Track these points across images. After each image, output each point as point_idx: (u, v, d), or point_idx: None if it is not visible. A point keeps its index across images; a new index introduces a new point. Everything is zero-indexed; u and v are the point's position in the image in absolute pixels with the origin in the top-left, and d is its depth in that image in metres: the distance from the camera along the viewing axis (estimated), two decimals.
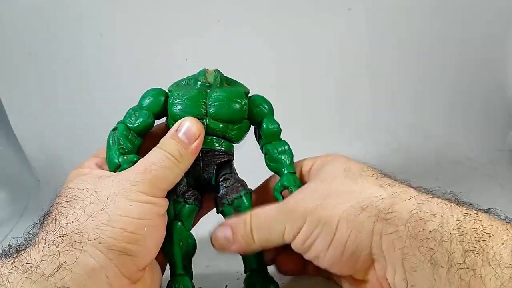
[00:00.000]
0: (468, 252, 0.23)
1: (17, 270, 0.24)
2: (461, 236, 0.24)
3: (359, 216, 0.28)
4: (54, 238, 0.26)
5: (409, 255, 0.26)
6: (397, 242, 0.27)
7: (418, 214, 0.26)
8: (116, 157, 0.33)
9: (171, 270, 0.34)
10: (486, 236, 0.24)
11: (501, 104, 0.70)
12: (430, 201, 0.27)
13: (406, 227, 0.26)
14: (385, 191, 0.29)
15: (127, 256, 0.28)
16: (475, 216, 0.25)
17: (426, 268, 0.25)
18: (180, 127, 0.32)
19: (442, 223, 0.25)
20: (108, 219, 0.28)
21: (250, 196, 0.36)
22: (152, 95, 0.35)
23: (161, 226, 0.31)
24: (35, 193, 0.61)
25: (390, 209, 0.28)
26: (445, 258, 0.24)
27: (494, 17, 0.66)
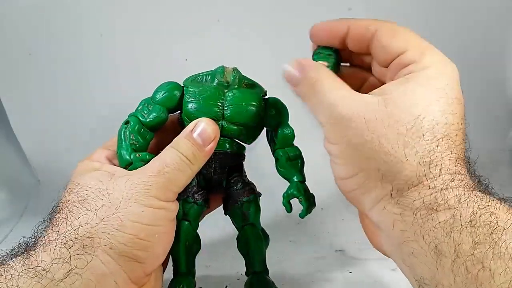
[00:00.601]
0: (478, 244, 0.22)
1: (27, 273, 0.24)
2: (473, 228, 0.23)
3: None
4: (66, 241, 0.26)
5: (410, 240, 0.25)
6: (399, 223, 0.26)
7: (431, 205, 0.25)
8: (128, 153, 0.32)
9: (175, 268, 0.34)
10: (500, 229, 0.22)
11: (501, 104, 0.70)
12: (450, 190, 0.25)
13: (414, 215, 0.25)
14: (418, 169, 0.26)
15: (136, 263, 0.28)
16: (491, 208, 0.24)
17: (428, 256, 0.24)
18: (195, 128, 0.32)
19: (455, 215, 0.24)
20: (120, 224, 0.27)
21: (258, 199, 0.36)
22: (167, 89, 0.34)
23: (171, 231, 0.31)
24: (35, 193, 0.61)
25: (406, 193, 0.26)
26: (452, 249, 0.23)
27: (494, 17, 0.66)
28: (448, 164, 0.25)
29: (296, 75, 0.30)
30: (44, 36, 0.61)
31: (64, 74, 0.62)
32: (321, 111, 0.28)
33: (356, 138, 0.26)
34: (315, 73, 0.29)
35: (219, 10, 0.61)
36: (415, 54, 0.28)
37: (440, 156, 0.25)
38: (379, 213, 0.27)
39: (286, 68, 0.30)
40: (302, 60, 0.30)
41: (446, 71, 0.28)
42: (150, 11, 0.61)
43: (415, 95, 0.26)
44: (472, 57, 0.68)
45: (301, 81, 0.30)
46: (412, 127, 0.25)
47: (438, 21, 0.65)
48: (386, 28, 0.29)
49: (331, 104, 0.27)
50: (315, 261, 0.45)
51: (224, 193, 0.36)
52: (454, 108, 0.27)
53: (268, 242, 0.37)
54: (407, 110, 0.26)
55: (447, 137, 0.26)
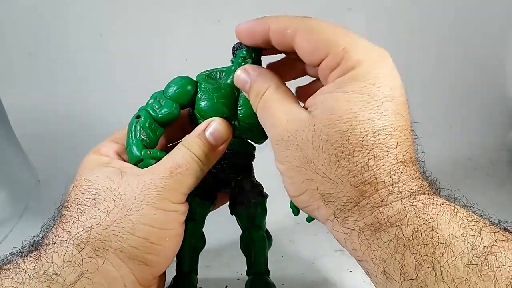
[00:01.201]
0: (421, 266, 0.21)
1: (39, 277, 0.24)
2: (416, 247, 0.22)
3: None
4: (78, 243, 0.26)
5: (362, 260, 0.25)
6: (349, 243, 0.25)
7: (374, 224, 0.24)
8: (139, 150, 0.31)
9: (178, 265, 0.34)
10: (442, 247, 0.21)
11: (501, 104, 0.70)
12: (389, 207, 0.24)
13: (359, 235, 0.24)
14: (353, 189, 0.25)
15: (146, 266, 0.28)
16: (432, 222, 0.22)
17: (379, 278, 0.23)
18: (208, 127, 0.31)
19: (397, 234, 0.22)
20: (132, 227, 0.27)
21: (265, 201, 0.36)
22: (180, 85, 0.33)
23: (181, 234, 0.31)
24: (35, 193, 0.61)
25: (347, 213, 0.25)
26: (398, 272, 0.22)
27: (494, 17, 0.66)
28: (383, 177, 0.24)
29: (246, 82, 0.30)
30: (44, 36, 0.61)
31: (64, 74, 0.62)
32: (267, 129, 0.29)
33: (295, 160, 0.26)
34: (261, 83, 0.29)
35: (219, 10, 0.61)
36: (337, 55, 0.26)
37: (374, 170, 0.24)
38: (331, 230, 0.27)
39: (237, 74, 0.30)
40: (249, 67, 0.30)
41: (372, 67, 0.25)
42: (150, 11, 0.61)
43: (340, 107, 0.25)
44: (472, 57, 0.68)
45: (250, 91, 0.30)
46: (341, 145, 0.24)
47: (438, 21, 0.65)
48: (305, 29, 0.27)
49: (274, 123, 0.27)
50: (315, 261, 0.45)
51: (232, 193, 0.36)
52: (384, 109, 0.25)
53: (271, 243, 0.37)
54: (334, 128, 0.25)
55: (379, 146, 0.24)
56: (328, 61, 0.26)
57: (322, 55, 0.26)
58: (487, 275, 0.20)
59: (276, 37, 0.29)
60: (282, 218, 0.50)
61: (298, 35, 0.27)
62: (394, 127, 0.25)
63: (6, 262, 0.25)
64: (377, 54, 0.26)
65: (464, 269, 0.20)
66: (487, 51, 0.68)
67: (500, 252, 0.20)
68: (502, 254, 0.20)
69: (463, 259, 0.20)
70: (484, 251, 0.21)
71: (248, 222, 0.35)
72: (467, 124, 0.69)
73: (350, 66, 0.25)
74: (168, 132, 0.33)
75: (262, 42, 0.30)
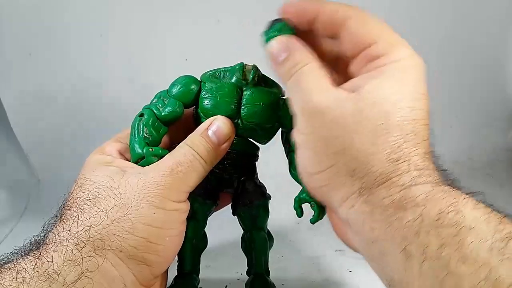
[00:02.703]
0: (444, 246, 0.22)
1: (39, 277, 0.24)
2: (440, 228, 0.22)
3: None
4: (77, 242, 0.26)
5: (380, 239, 0.24)
6: (369, 222, 0.25)
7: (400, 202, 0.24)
8: (141, 147, 0.30)
9: (180, 265, 0.34)
10: (465, 230, 0.22)
11: (501, 104, 0.70)
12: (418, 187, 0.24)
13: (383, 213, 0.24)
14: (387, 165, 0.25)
15: (146, 266, 0.28)
16: (458, 205, 0.23)
17: (398, 257, 0.23)
18: (211, 126, 0.31)
19: (423, 213, 0.23)
20: (131, 227, 0.27)
21: (268, 203, 0.36)
22: (184, 83, 0.32)
23: (181, 233, 0.30)
24: (35, 193, 0.61)
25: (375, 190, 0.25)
26: (420, 250, 0.22)
27: (494, 17, 0.66)
28: (416, 160, 0.25)
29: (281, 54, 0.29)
30: (44, 36, 0.61)
31: (64, 74, 0.62)
32: (297, 98, 0.28)
33: (327, 131, 0.26)
34: (301, 57, 0.28)
35: (219, 10, 0.61)
36: (385, 46, 0.27)
37: (408, 152, 0.25)
38: (348, 211, 0.26)
39: (272, 45, 0.29)
40: (291, 39, 0.29)
41: (415, 65, 0.27)
42: (150, 11, 0.61)
43: (384, 90, 0.26)
44: (472, 57, 0.68)
45: (284, 62, 0.29)
46: (382, 123, 0.25)
47: (438, 21, 0.65)
48: (358, 17, 0.28)
49: (307, 95, 0.27)
50: (315, 261, 0.45)
51: (234, 194, 0.36)
52: (422, 103, 0.26)
53: (272, 243, 0.37)
54: (377, 107, 0.25)
55: (414, 132, 0.25)
56: (372, 50, 0.27)
57: (367, 44, 0.27)
58: (509, 259, 0.20)
59: (327, 16, 0.29)
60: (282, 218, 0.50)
61: (350, 20, 0.28)
62: (426, 122, 0.26)
63: (7, 261, 0.25)
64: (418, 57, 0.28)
65: (487, 252, 0.21)
66: (487, 51, 0.68)
67: None
68: None
69: (486, 242, 0.21)
70: (507, 236, 0.21)
71: (250, 223, 0.35)
72: (467, 124, 0.69)
73: (394, 58, 0.27)
74: (173, 132, 0.33)
75: (307, 22, 0.29)
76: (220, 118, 0.31)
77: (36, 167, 0.64)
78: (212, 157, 0.31)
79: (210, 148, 0.30)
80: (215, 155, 0.31)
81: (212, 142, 0.31)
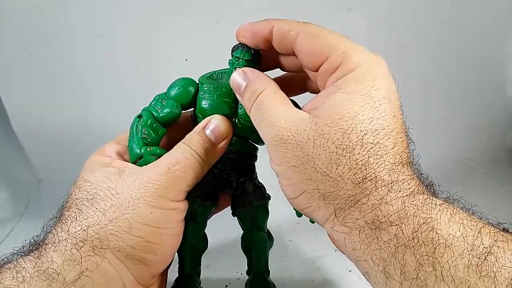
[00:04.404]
0: (421, 265, 0.21)
1: (39, 276, 0.24)
2: (416, 247, 0.22)
3: None
4: (76, 242, 0.26)
5: (361, 260, 0.24)
6: (349, 242, 0.25)
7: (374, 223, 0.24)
8: (139, 147, 0.31)
9: (180, 267, 0.34)
10: (442, 247, 0.21)
11: (501, 104, 0.70)
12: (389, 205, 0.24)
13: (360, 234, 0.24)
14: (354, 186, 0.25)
15: (144, 265, 0.28)
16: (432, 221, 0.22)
17: (379, 278, 0.23)
18: (208, 125, 0.31)
19: (397, 233, 0.23)
20: (129, 226, 0.27)
21: (267, 203, 0.36)
22: (182, 85, 0.33)
23: (179, 233, 0.30)
24: (36, 192, 0.61)
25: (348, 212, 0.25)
26: (398, 271, 0.22)
27: (494, 17, 0.66)
28: (383, 174, 0.24)
29: (241, 84, 0.29)
30: (44, 36, 0.61)
31: (64, 74, 0.62)
32: (262, 129, 0.28)
33: (294, 160, 0.26)
34: (259, 85, 0.29)
35: (219, 11, 0.61)
36: (337, 58, 0.26)
37: (374, 167, 0.24)
38: (330, 231, 0.27)
39: (233, 76, 0.30)
40: (247, 69, 0.30)
41: (371, 69, 0.26)
42: (150, 11, 0.61)
43: (341, 107, 0.25)
44: (472, 58, 0.68)
45: (245, 92, 0.29)
46: (342, 143, 0.25)
47: (438, 22, 0.65)
48: (307, 33, 0.28)
49: (270, 124, 0.27)
50: (315, 260, 0.45)
51: (234, 195, 0.36)
52: (383, 110, 0.25)
53: (272, 243, 0.37)
54: (335, 126, 0.25)
55: (378, 145, 0.25)
56: (328, 63, 0.27)
57: (322, 58, 0.27)
58: (487, 276, 0.20)
59: (278, 37, 0.29)
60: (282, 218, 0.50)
61: (300, 37, 0.28)
62: (391, 128, 0.25)
63: (7, 261, 0.26)
64: (374, 58, 0.27)
65: (464, 270, 0.20)
66: (487, 51, 0.68)
67: (500, 252, 0.21)
68: (502, 254, 0.21)
69: (463, 259, 0.21)
70: (484, 252, 0.21)
71: (250, 224, 0.35)
72: (467, 124, 0.69)
73: (349, 68, 0.26)
74: (172, 135, 0.33)
75: (263, 42, 0.30)
76: (217, 117, 0.31)
77: (36, 167, 0.64)
78: (210, 156, 0.31)
79: (208, 146, 0.30)
80: (213, 154, 0.31)
81: (210, 140, 0.31)
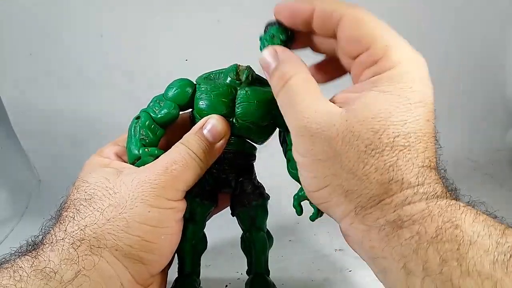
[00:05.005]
0: (445, 261, 0.21)
1: (36, 275, 0.24)
2: (439, 244, 0.22)
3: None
4: (73, 241, 0.26)
5: (380, 257, 0.24)
6: (367, 240, 0.25)
7: (395, 222, 0.24)
8: (137, 148, 0.31)
9: (180, 267, 0.34)
10: (466, 244, 0.21)
11: (500, 104, 0.70)
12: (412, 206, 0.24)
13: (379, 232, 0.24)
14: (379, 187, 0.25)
15: (142, 264, 0.28)
16: (456, 221, 0.22)
17: (398, 274, 0.23)
18: (205, 124, 0.31)
19: (419, 231, 0.23)
20: (126, 225, 0.27)
21: (267, 203, 0.36)
22: (179, 86, 0.33)
23: (178, 232, 0.30)
24: (36, 193, 0.61)
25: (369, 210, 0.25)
26: (420, 267, 0.22)
27: (494, 17, 0.66)
28: (410, 177, 0.24)
29: (271, 63, 0.28)
30: (45, 36, 0.61)
31: (65, 74, 0.62)
32: (289, 118, 0.27)
33: (320, 154, 0.26)
34: (289, 68, 0.28)
35: (219, 11, 0.61)
36: (378, 52, 0.26)
37: (401, 170, 0.24)
38: (348, 227, 0.26)
39: (264, 53, 0.29)
40: (279, 48, 0.29)
41: (410, 70, 0.26)
42: (150, 11, 0.61)
43: (375, 106, 0.25)
44: (472, 57, 0.68)
45: (274, 74, 0.28)
46: (372, 143, 0.24)
47: (438, 21, 0.65)
48: (350, 18, 0.26)
49: (299, 114, 0.26)
50: (315, 260, 0.45)
51: (233, 195, 0.36)
52: (417, 113, 0.25)
53: (272, 243, 0.37)
54: (367, 125, 0.25)
55: (408, 148, 0.25)
56: (367, 55, 0.26)
57: (362, 48, 0.26)
58: None
59: (320, 17, 0.28)
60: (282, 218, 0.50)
61: (344, 20, 0.27)
62: (423, 132, 0.25)
63: (4, 261, 0.26)
64: (415, 58, 0.26)
65: (490, 266, 0.20)
66: (487, 51, 0.68)
67: None
68: None
69: (488, 256, 0.21)
70: (510, 250, 0.21)
71: (249, 223, 0.35)
72: (467, 124, 0.69)
73: (388, 65, 0.25)
74: (170, 136, 0.33)
75: (302, 23, 0.29)
76: (214, 117, 0.31)
77: (37, 167, 0.64)
78: (208, 155, 0.31)
79: (205, 146, 0.30)
80: (211, 154, 0.31)
81: (207, 140, 0.31)
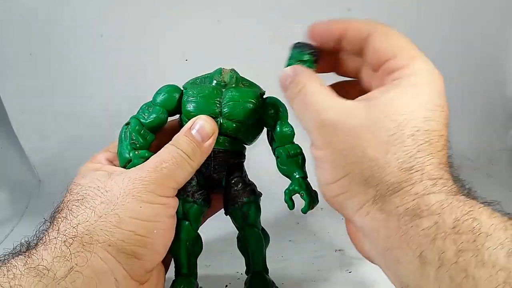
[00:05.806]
0: (461, 251, 0.22)
1: (30, 273, 0.24)
2: (456, 235, 0.23)
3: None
4: (66, 239, 0.26)
5: (395, 247, 0.25)
6: (383, 229, 0.26)
7: (414, 210, 0.24)
8: (127, 151, 0.32)
9: (176, 269, 0.34)
10: (483, 235, 0.22)
11: (500, 103, 0.70)
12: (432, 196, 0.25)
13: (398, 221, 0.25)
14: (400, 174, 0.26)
15: (136, 259, 0.28)
16: (474, 213, 0.23)
17: (413, 264, 0.24)
18: (193, 125, 0.32)
19: (438, 222, 0.23)
20: (118, 221, 0.28)
21: (259, 200, 0.36)
22: (166, 91, 0.34)
23: (171, 228, 0.31)
24: (36, 193, 0.61)
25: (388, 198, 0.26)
26: (436, 257, 0.23)
27: (494, 17, 0.66)
28: (430, 169, 0.25)
29: (287, 79, 0.30)
30: (45, 36, 0.61)
31: (65, 74, 0.62)
32: (307, 116, 0.29)
33: (341, 144, 0.27)
34: (303, 77, 0.30)
35: (219, 11, 0.61)
36: (404, 60, 0.28)
37: (421, 161, 0.25)
38: (363, 219, 0.27)
39: (284, 69, 0.31)
40: (296, 66, 0.31)
41: (432, 79, 0.28)
42: (150, 11, 0.61)
43: (399, 101, 0.27)
44: (472, 57, 0.68)
45: (290, 85, 0.30)
46: (395, 133, 0.26)
47: (438, 21, 0.65)
48: (380, 32, 0.29)
49: (317, 110, 0.28)
50: (315, 260, 0.45)
51: (224, 194, 0.36)
52: (437, 115, 0.27)
53: (268, 241, 0.37)
54: (391, 117, 0.26)
55: (429, 142, 0.26)
56: (393, 63, 0.28)
57: (389, 55, 0.28)
58: None
59: (352, 34, 0.30)
60: (282, 218, 0.50)
61: (374, 34, 0.29)
62: (441, 133, 0.27)
63: None
64: (436, 71, 0.28)
65: (505, 258, 0.21)
66: (487, 51, 0.68)
67: None
68: None
69: (504, 248, 0.21)
70: None
71: (242, 221, 0.36)
72: (467, 124, 0.69)
73: (411, 72, 0.27)
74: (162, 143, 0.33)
75: (333, 40, 0.31)
76: (202, 117, 0.33)
77: (36, 167, 0.64)
78: (198, 154, 0.32)
79: (195, 145, 0.31)
80: (200, 153, 0.32)
81: (196, 140, 0.32)
